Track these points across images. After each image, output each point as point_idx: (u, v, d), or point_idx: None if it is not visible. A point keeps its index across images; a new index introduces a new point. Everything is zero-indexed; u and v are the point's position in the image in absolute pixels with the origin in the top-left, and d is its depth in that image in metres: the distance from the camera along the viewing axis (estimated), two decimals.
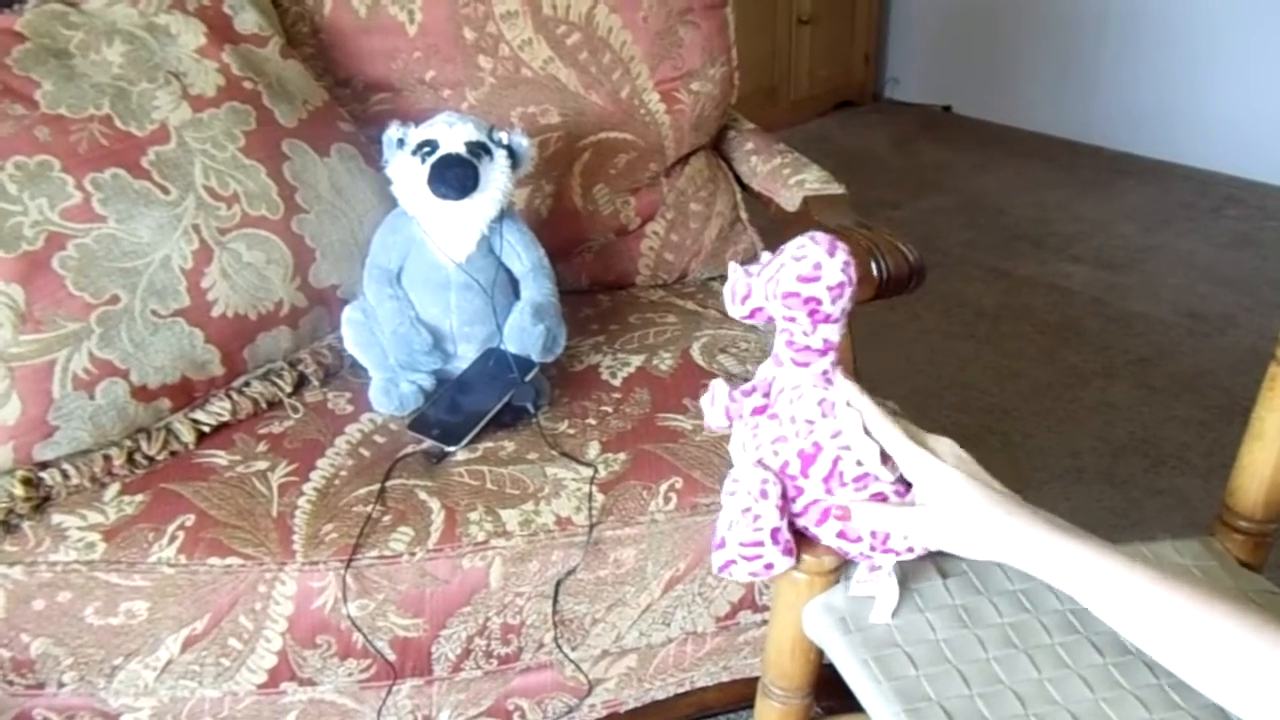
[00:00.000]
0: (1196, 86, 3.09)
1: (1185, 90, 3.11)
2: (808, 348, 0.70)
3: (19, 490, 0.90)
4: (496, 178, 1.03)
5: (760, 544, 0.71)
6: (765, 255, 0.71)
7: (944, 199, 2.95)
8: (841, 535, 0.72)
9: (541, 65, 1.29)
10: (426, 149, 1.01)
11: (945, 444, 0.70)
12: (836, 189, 1.26)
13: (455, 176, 1.00)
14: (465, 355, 1.08)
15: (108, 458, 0.95)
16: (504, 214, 1.07)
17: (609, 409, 1.06)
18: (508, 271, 1.09)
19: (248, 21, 1.14)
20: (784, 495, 0.72)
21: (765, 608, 1.01)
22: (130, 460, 0.96)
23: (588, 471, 0.97)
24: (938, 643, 0.76)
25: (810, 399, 0.71)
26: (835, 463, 0.70)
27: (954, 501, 0.66)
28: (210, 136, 1.03)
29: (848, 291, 0.69)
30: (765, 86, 3.34)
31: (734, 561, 0.72)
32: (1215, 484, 0.90)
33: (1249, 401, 0.84)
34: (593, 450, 1.00)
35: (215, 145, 1.03)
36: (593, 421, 1.04)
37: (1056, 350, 2.14)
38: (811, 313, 0.68)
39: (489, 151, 1.03)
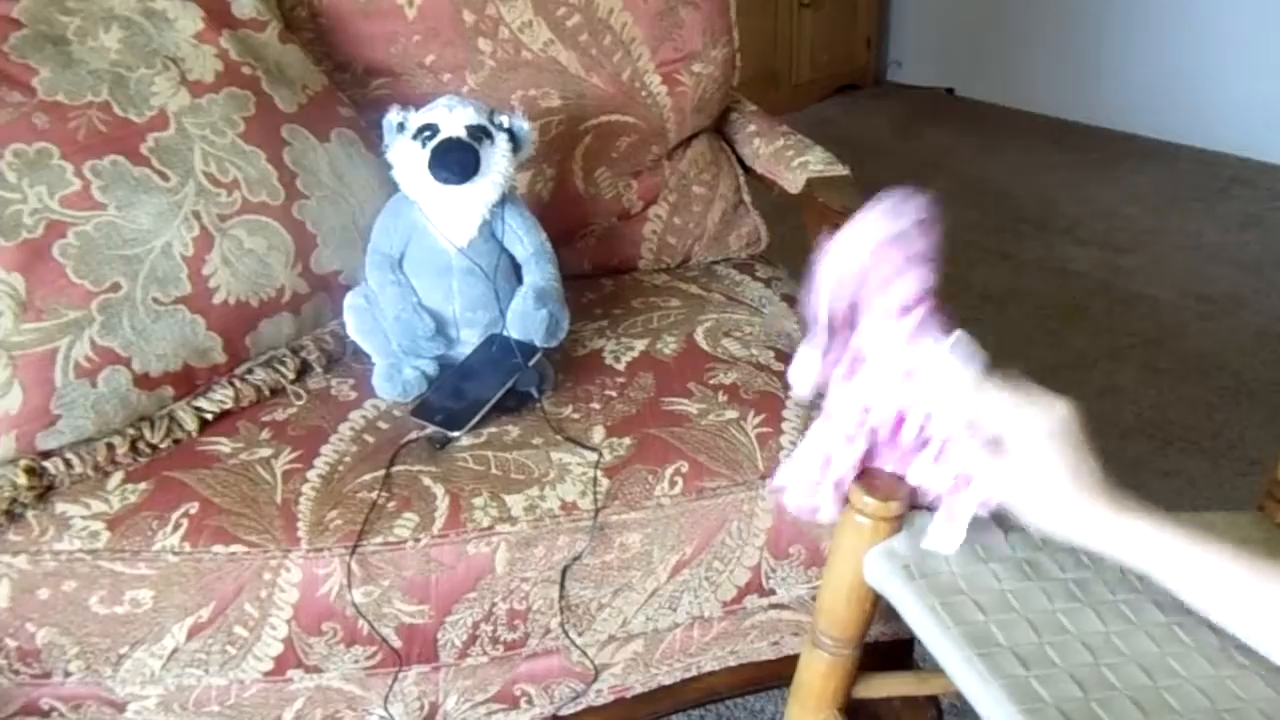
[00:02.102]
0: (1203, 67, 3.06)
1: (1192, 71, 3.09)
2: (899, 303, 0.70)
3: (22, 480, 0.90)
4: (498, 161, 1.02)
5: (819, 484, 0.73)
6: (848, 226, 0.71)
7: (947, 182, 2.93)
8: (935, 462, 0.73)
9: (542, 48, 1.28)
10: (427, 133, 1.01)
11: (1061, 404, 0.67)
12: (840, 170, 1.25)
13: (456, 161, 0.99)
14: (468, 341, 1.07)
15: (111, 446, 0.95)
16: (505, 198, 1.06)
17: (613, 393, 1.06)
18: (510, 256, 1.09)
19: (245, 6, 1.13)
20: (865, 454, 0.74)
21: (772, 591, 1.01)
22: (133, 448, 0.96)
23: (593, 456, 0.97)
24: (1003, 592, 0.76)
25: (898, 361, 0.71)
26: (921, 429, 0.71)
27: (1037, 462, 0.65)
28: (209, 123, 1.02)
29: (932, 242, 0.70)
30: (767, 70, 3.32)
31: (788, 491, 0.75)
32: (1223, 465, 0.89)
33: (1256, 383, 0.83)
34: (597, 435, 1.00)
35: (215, 131, 1.02)
36: (597, 406, 1.04)
37: (1062, 333, 2.13)
38: (899, 266, 0.69)
39: (490, 135, 1.02)
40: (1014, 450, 0.66)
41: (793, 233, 1.29)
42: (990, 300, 2.26)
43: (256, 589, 0.89)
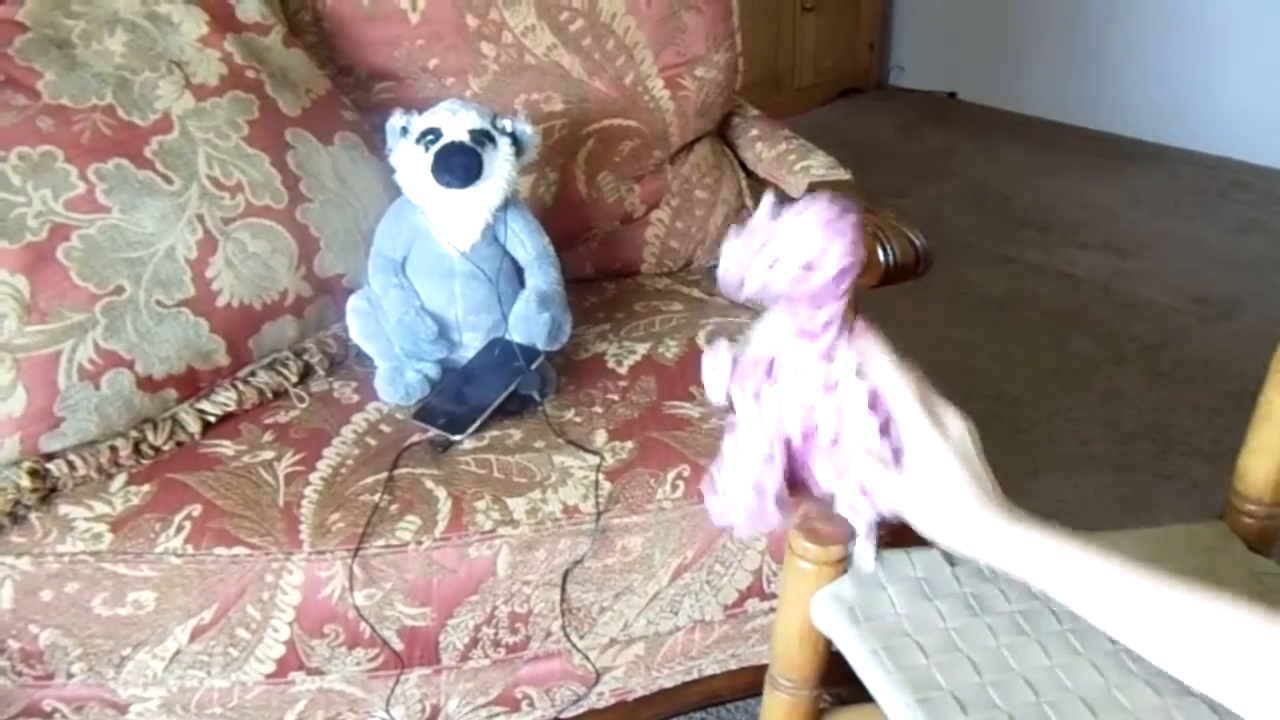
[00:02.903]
0: (1205, 71, 3.06)
1: (1193, 75, 3.09)
2: (809, 330, 0.67)
3: (25, 482, 0.90)
4: (500, 165, 1.03)
5: (761, 509, 0.68)
6: (765, 204, 0.64)
7: (950, 186, 2.93)
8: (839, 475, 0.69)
9: (545, 52, 1.28)
10: (430, 137, 1.01)
11: (956, 423, 0.67)
12: (843, 175, 1.25)
13: (459, 165, 0.99)
14: (471, 344, 1.08)
15: (114, 448, 0.95)
16: (508, 202, 1.06)
17: (615, 397, 1.06)
18: (513, 259, 1.09)
19: (250, 10, 1.13)
20: (788, 455, 0.70)
21: (773, 595, 1.01)
22: (136, 451, 0.96)
23: (594, 460, 0.97)
24: (947, 631, 0.75)
25: (813, 376, 0.67)
26: (833, 442, 0.68)
27: (934, 478, 0.63)
28: (213, 126, 1.03)
29: (854, 272, 0.64)
30: (770, 74, 3.32)
31: (735, 522, 0.70)
32: (1224, 469, 0.89)
33: (1258, 386, 0.83)
34: (600, 438, 1.00)
35: (219, 135, 1.03)
36: (599, 410, 1.04)
37: (1064, 337, 2.13)
38: (812, 299, 0.65)
39: (492, 139, 1.02)
40: (913, 464, 0.65)
41: None
42: (991, 304, 2.26)
43: (259, 591, 0.89)
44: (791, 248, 0.62)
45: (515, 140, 1.04)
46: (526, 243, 1.08)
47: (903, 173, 3.01)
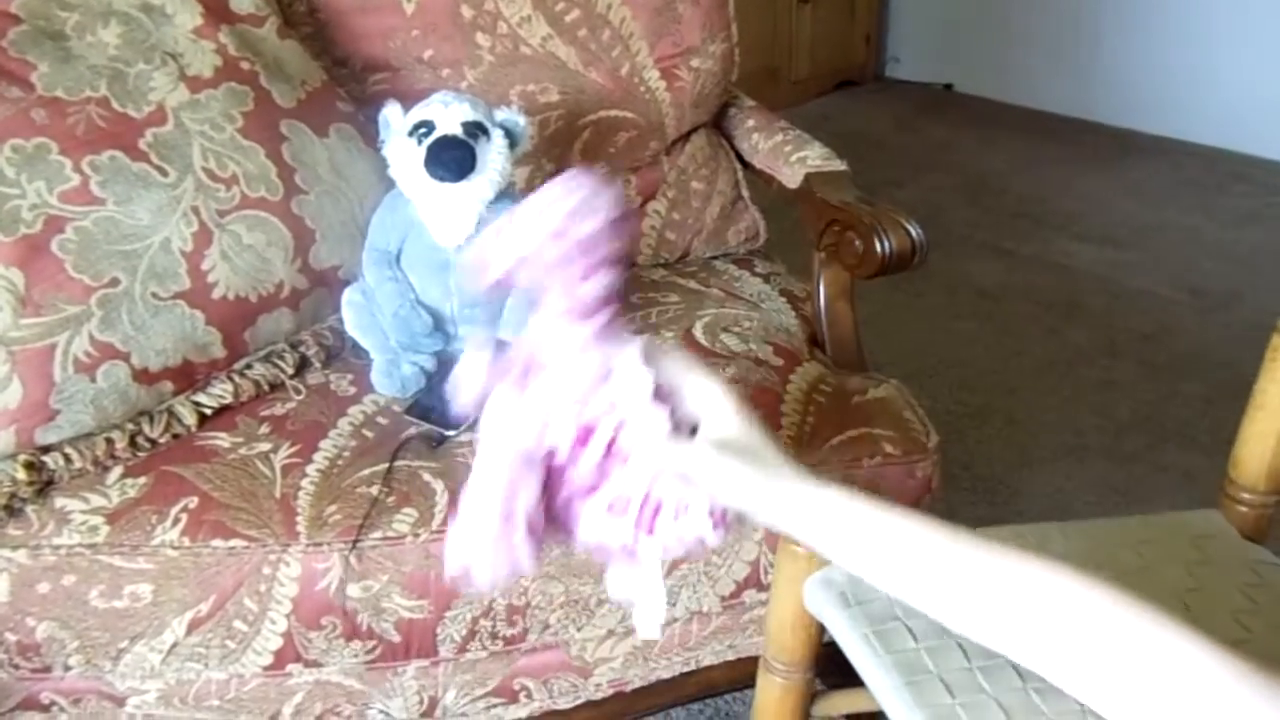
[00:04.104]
0: (1202, 63, 3.06)
1: (1191, 66, 3.09)
2: (581, 302, 0.57)
3: (21, 474, 0.90)
4: (494, 158, 1.02)
5: (509, 542, 0.58)
6: (523, 203, 0.58)
7: (946, 178, 2.93)
8: (609, 510, 0.59)
9: (540, 42, 1.28)
10: (423, 130, 1.01)
11: (718, 387, 0.58)
12: (839, 165, 1.25)
13: (452, 159, 0.99)
14: (467, 336, 1.08)
15: (110, 441, 0.95)
16: (504, 194, 1.06)
17: None
18: None
19: (244, 1, 1.12)
20: (543, 481, 0.59)
21: (769, 586, 1.01)
22: (132, 443, 0.96)
23: None
24: None
25: (583, 365, 0.58)
26: (611, 444, 0.58)
27: (729, 432, 0.57)
28: (208, 118, 1.02)
29: (617, 236, 0.56)
30: (766, 66, 3.32)
31: (473, 566, 0.58)
32: (1220, 461, 0.89)
33: (1253, 377, 0.83)
34: None
35: (213, 127, 1.02)
36: None
37: (1059, 328, 2.13)
38: (585, 253, 0.56)
39: (486, 132, 1.02)
40: (703, 417, 0.58)
41: (791, 228, 1.29)
42: (987, 295, 2.26)
43: (256, 583, 0.89)
44: (564, 192, 0.56)
45: (509, 132, 1.04)
46: None
47: (899, 165, 3.01)
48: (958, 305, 2.22)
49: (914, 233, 1.05)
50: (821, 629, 0.81)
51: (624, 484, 0.58)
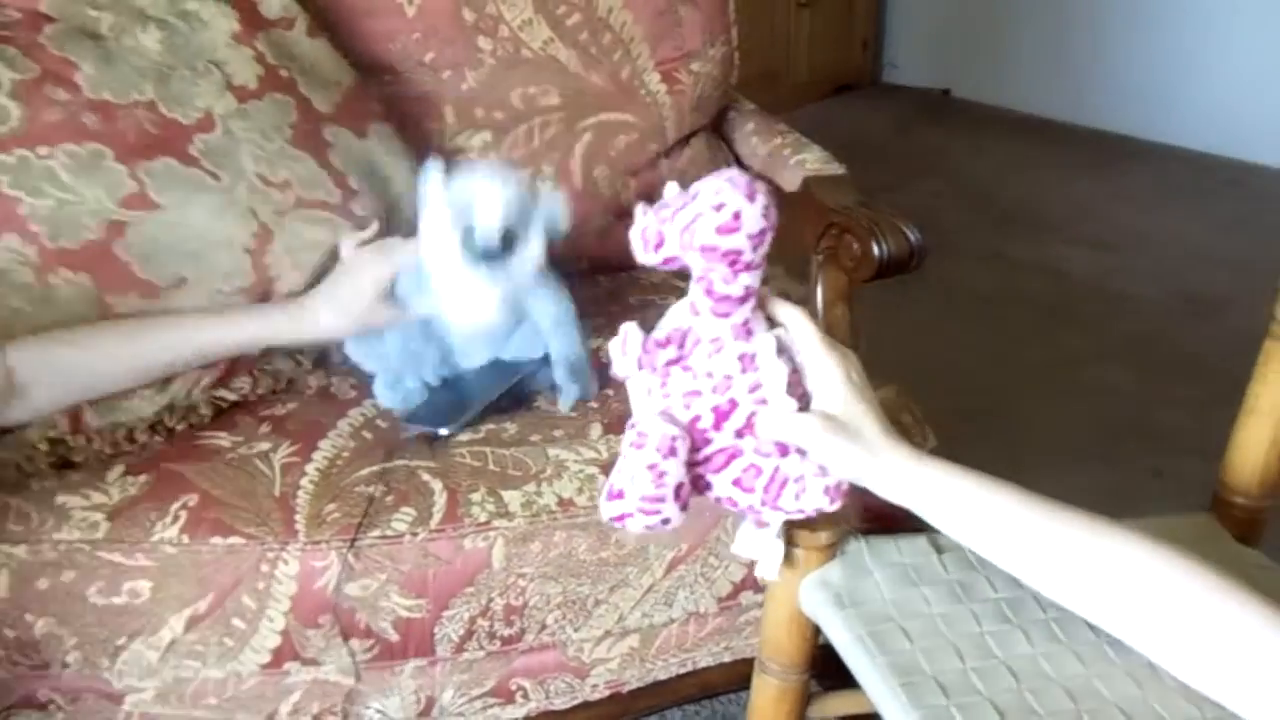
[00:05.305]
0: (1196, 68, 3.08)
1: (1184, 72, 3.11)
2: (727, 297, 0.64)
3: (44, 447, 0.92)
4: (527, 261, 0.96)
5: (662, 499, 0.65)
6: (672, 187, 0.65)
7: (942, 182, 2.94)
8: (737, 484, 0.68)
9: (541, 46, 1.28)
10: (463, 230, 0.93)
11: (848, 358, 0.67)
12: (837, 169, 1.26)
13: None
14: (469, 352, 1.07)
15: (130, 430, 0.96)
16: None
17: (610, 392, 1.06)
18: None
19: (274, 5, 1.11)
20: (691, 449, 0.67)
21: (766, 587, 1.01)
22: (151, 430, 0.97)
23: (590, 454, 0.97)
24: (933, 617, 0.76)
25: (730, 352, 0.65)
26: (750, 417, 0.66)
27: (841, 414, 0.64)
28: (258, 128, 1.01)
29: (769, 237, 0.63)
30: (765, 71, 3.33)
31: (630, 515, 0.66)
32: (1213, 465, 0.90)
33: (1245, 381, 0.84)
34: (595, 432, 1.00)
35: (264, 137, 1.01)
36: (594, 404, 1.04)
37: (1053, 332, 2.14)
38: (732, 263, 0.62)
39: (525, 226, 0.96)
40: (818, 395, 0.65)
41: (789, 231, 1.30)
42: (981, 299, 2.27)
43: (254, 581, 0.89)
44: (710, 203, 0.62)
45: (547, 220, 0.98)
46: (548, 309, 1.03)
47: (895, 169, 3.02)
48: (950, 309, 2.23)
49: (912, 236, 1.05)
50: (817, 630, 0.82)
51: (755, 457, 0.67)
